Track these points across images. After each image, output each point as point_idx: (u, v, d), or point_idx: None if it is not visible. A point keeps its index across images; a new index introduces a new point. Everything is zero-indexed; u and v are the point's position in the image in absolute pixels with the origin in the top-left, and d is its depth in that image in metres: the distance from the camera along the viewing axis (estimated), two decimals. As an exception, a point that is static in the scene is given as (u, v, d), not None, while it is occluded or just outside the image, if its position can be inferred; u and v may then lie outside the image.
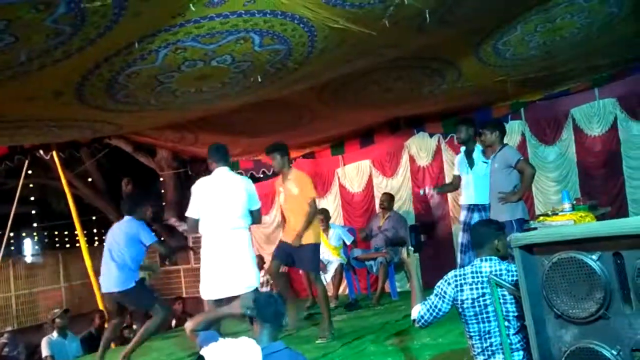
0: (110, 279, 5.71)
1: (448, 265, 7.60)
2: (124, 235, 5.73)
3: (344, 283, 8.43)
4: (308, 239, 5.76)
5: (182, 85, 4.33)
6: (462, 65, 5.91)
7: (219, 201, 4.82)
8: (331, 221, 8.43)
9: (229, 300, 4.71)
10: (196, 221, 4.87)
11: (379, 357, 4.88)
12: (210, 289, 4.79)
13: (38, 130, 5.22)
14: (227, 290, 4.70)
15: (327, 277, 8.07)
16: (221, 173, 4.92)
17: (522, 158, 5.70)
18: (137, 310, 6.20)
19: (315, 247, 5.90)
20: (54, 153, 8.12)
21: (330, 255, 8.02)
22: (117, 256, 5.69)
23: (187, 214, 4.98)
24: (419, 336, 5.27)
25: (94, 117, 4.95)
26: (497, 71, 6.21)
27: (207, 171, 5.20)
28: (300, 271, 7.83)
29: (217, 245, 4.79)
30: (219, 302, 4.67)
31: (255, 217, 5.00)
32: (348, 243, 8.23)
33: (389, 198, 8.13)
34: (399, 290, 8.02)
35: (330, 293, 8.32)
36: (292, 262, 6.00)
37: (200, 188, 4.92)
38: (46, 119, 4.89)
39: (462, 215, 6.08)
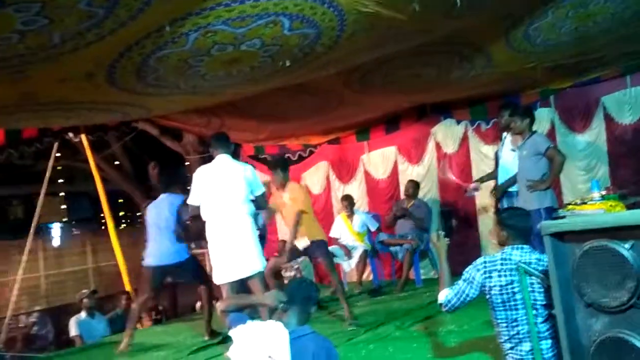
0: (163, 252, 5.94)
1: (473, 253, 7.60)
2: (168, 209, 5.95)
3: (368, 269, 8.44)
4: (317, 235, 6.04)
5: (211, 69, 4.34)
6: (492, 51, 5.83)
7: (219, 188, 4.96)
8: (355, 207, 8.43)
9: (240, 282, 4.94)
10: (197, 208, 5.03)
11: (404, 342, 4.89)
12: (218, 273, 4.97)
13: (69, 112, 5.29)
14: (233, 274, 4.91)
15: (351, 263, 8.10)
16: (221, 160, 5.07)
17: (552, 145, 5.63)
18: (187, 282, 6.36)
19: (324, 242, 6.18)
20: (83, 136, 8.22)
21: (355, 242, 8.04)
22: (166, 230, 5.90)
23: (187, 201, 5.17)
24: (444, 323, 5.27)
25: (124, 99, 4.98)
26: (527, 57, 6.11)
27: (234, 155, 5.28)
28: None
29: (219, 231, 4.95)
30: (232, 286, 4.90)
31: (260, 202, 5.11)
32: (372, 229, 8.24)
33: (414, 185, 8.10)
34: (423, 277, 8.01)
35: (354, 279, 8.37)
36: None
37: (201, 175, 5.09)
38: (77, 101, 4.94)
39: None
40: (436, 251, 4.09)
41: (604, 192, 5.66)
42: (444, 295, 3.76)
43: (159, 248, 5.97)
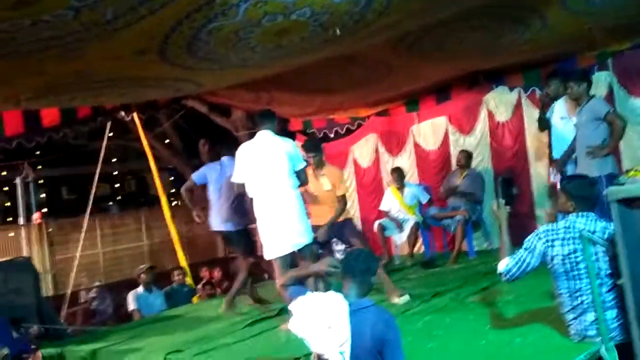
0: (218, 218, 6.07)
1: (528, 224, 7.44)
2: (228, 175, 5.83)
3: (420, 242, 8.38)
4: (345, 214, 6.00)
5: (261, 40, 4.31)
6: (547, 13, 5.62)
7: (262, 164, 4.99)
8: (406, 180, 8.34)
9: (291, 256, 4.99)
10: (242, 185, 5.11)
11: (460, 313, 4.84)
12: (268, 248, 5.03)
13: (122, 89, 5.36)
14: (283, 247, 4.95)
15: (402, 236, 8.04)
16: (263, 136, 5.09)
17: (611, 110, 5.42)
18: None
19: (349, 221, 6.11)
20: (135, 114, 8.33)
21: (406, 214, 7.98)
22: (225, 194, 5.99)
23: (232, 179, 5.24)
24: (500, 294, 5.19)
25: (176, 75, 5.01)
26: (584, 18, 5.87)
27: (283, 130, 5.30)
28: (375, 228, 7.86)
29: (266, 207, 4.99)
30: (284, 259, 4.95)
31: (301, 177, 5.09)
32: (424, 202, 8.14)
33: (466, 156, 7.96)
34: (476, 249, 7.89)
35: (405, 252, 8.32)
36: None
37: (243, 153, 5.14)
38: (130, 77, 4.99)
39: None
40: (491, 222, 4.03)
41: (666, 158, 5.47)
42: (504, 264, 3.69)
43: (219, 213, 6.10)
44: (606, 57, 7.38)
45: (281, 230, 4.94)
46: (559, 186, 5.29)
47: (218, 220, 6.14)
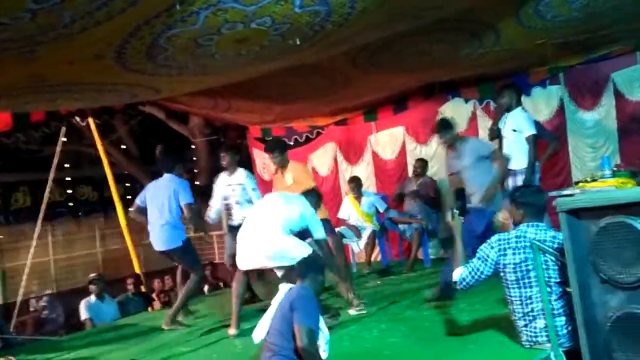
0: (158, 238, 5.89)
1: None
2: (166, 192, 5.86)
3: (377, 250, 8.45)
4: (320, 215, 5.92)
5: (221, 48, 4.30)
6: (502, 28, 5.77)
7: None
8: (364, 188, 8.42)
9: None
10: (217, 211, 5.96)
11: (416, 321, 4.91)
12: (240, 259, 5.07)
13: (78, 94, 5.26)
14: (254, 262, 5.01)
15: (360, 244, 8.10)
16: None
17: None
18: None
19: (327, 221, 6.01)
20: (90, 119, 8.19)
21: (363, 222, 8.04)
22: (162, 213, 5.83)
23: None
24: (455, 301, 5.27)
25: (133, 81, 4.95)
26: (537, 34, 6.04)
27: (241, 137, 5.31)
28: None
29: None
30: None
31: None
32: (381, 210, 8.23)
33: (422, 164, 8.09)
34: (431, 257, 8.01)
35: (363, 260, 8.38)
36: None
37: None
38: (86, 83, 4.91)
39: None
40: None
41: (614, 169, 5.66)
42: (459, 273, 3.77)
43: (153, 234, 5.92)
44: (558, 71, 7.63)
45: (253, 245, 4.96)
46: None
47: (156, 240, 5.95)
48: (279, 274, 4.79)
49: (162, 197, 5.87)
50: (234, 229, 5.85)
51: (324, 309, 5.10)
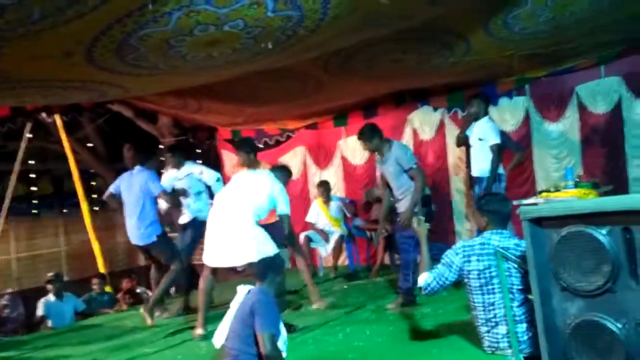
0: (133, 233, 5.91)
1: (449, 237, 7.71)
2: (138, 186, 5.88)
3: (344, 254, 8.49)
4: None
5: (192, 49, 4.29)
6: (471, 39, 5.87)
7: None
8: (332, 193, 8.46)
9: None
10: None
11: (380, 325, 4.94)
12: (208, 256, 5.04)
13: (45, 91, 5.18)
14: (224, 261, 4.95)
15: (327, 248, 8.13)
16: None
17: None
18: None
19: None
20: (57, 116, 8.07)
21: (331, 227, 8.08)
22: (136, 207, 5.86)
23: None
24: (419, 307, 5.34)
25: (102, 79, 4.90)
26: (505, 45, 6.16)
27: (210, 138, 5.30)
28: (301, 240, 7.90)
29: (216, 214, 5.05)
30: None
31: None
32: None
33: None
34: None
35: (330, 264, 8.42)
36: None
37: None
38: (54, 80, 4.84)
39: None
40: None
41: (577, 180, 5.81)
42: (424, 279, 3.82)
43: (129, 228, 5.96)
44: (524, 83, 7.78)
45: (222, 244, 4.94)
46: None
47: (133, 235, 5.98)
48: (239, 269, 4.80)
49: (135, 191, 5.90)
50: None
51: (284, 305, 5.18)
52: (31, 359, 5.34)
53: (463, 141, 6.15)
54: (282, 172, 5.56)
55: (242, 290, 3.29)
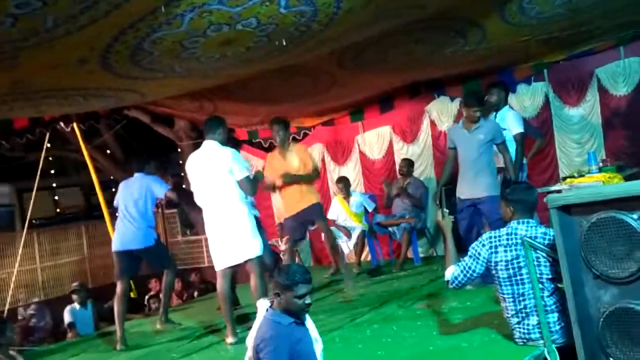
0: (127, 237, 5.82)
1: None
2: (138, 190, 5.86)
3: (366, 250, 8.44)
4: (311, 200, 6.05)
5: (206, 51, 4.26)
6: (486, 26, 5.79)
7: (205, 175, 4.95)
8: (352, 188, 8.41)
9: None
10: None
11: (408, 321, 4.89)
12: (215, 259, 5.01)
13: (63, 100, 5.19)
14: (228, 260, 4.93)
15: (349, 245, 8.08)
16: (206, 146, 5.02)
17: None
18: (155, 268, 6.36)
19: (320, 205, 6.25)
20: (75, 125, 8.11)
21: (352, 222, 8.02)
22: (132, 212, 5.80)
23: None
24: (446, 300, 5.28)
25: (118, 85, 4.89)
26: (521, 31, 6.07)
27: (228, 140, 5.24)
28: (323, 237, 7.86)
29: (213, 218, 4.95)
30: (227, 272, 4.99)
31: (242, 187, 4.91)
32: (370, 210, 8.22)
33: (408, 164, 8.08)
34: (421, 256, 8.02)
35: (352, 260, 8.36)
36: (305, 232, 6.40)
37: (189, 163, 5.12)
38: (70, 88, 4.84)
39: None
40: (435, 229, 4.11)
41: (600, 165, 5.70)
42: (450, 272, 3.76)
43: (124, 232, 5.85)
44: (542, 67, 7.65)
45: (227, 243, 4.89)
46: None
47: (127, 238, 5.86)
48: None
49: (134, 196, 5.85)
50: None
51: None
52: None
53: None
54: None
55: (262, 306, 3.13)
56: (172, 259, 6.19)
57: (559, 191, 4.60)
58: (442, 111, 8.37)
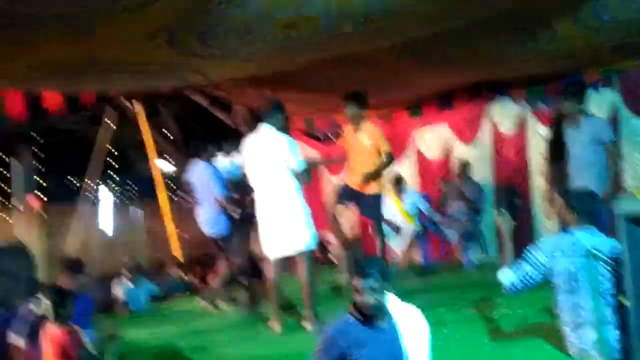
0: (204, 222, 6.08)
1: (528, 235, 7.40)
2: (205, 179, 6.04)
3: (418, 251, 8.32)
4: (372, 188, 5.72)
5: (270, 33, 4.26)
6: (557, 27, 5.62)
7: (259, 160, 4.89)
8: (407, 187, 8.28)
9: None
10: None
11: (457, 325, 4.77)
12: (267, 248, 4.95)
13: (129, 76, 5.25)
14: (282, 250, 4.88)
15: (401, 245, 7.98)
16: (262, 132, 4.94)
17: None
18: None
19: (379, 197, 5.84)
20: (136, 103, 8.26)
21: (404, 222, 7.90)
22: (205, 199, 6.00)
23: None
24: (497, 306, 5.13)
25: (183, 63, 4.91)
26: (594, 35, 5.86)
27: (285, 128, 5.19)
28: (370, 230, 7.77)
29: (265, 205, 4.90)
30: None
31: (299, 177, 4.85)
32: (424, 211, 8.07)
33: (464, 166, 7.94)
34: (474, 259, 7.84)
35: (402, 260, 8.26)
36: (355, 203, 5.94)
37: (245, 146, 5.07)
38: (137, 63, 4.85)
39: None
40: (488, 233, 3.99)
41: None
42: (507, 278, 3.67)
43: (204, 218, 6.09)
44: (612, 74, 7.35)
45: (281, 232, 4.84)
46: None
47: (204, 224, 6.12)
48: None
49: (203, 184, 6.04)
50: None
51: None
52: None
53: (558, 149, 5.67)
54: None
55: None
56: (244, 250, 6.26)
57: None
58: (504, 113, 8.15)
